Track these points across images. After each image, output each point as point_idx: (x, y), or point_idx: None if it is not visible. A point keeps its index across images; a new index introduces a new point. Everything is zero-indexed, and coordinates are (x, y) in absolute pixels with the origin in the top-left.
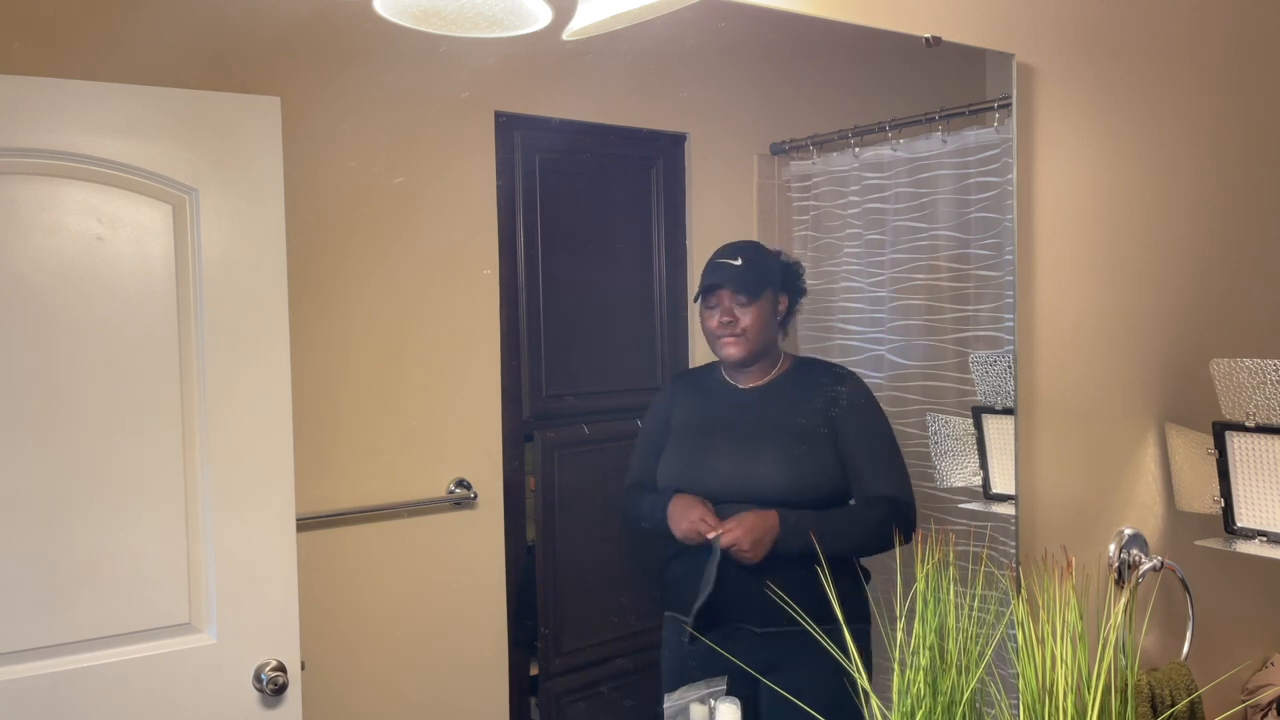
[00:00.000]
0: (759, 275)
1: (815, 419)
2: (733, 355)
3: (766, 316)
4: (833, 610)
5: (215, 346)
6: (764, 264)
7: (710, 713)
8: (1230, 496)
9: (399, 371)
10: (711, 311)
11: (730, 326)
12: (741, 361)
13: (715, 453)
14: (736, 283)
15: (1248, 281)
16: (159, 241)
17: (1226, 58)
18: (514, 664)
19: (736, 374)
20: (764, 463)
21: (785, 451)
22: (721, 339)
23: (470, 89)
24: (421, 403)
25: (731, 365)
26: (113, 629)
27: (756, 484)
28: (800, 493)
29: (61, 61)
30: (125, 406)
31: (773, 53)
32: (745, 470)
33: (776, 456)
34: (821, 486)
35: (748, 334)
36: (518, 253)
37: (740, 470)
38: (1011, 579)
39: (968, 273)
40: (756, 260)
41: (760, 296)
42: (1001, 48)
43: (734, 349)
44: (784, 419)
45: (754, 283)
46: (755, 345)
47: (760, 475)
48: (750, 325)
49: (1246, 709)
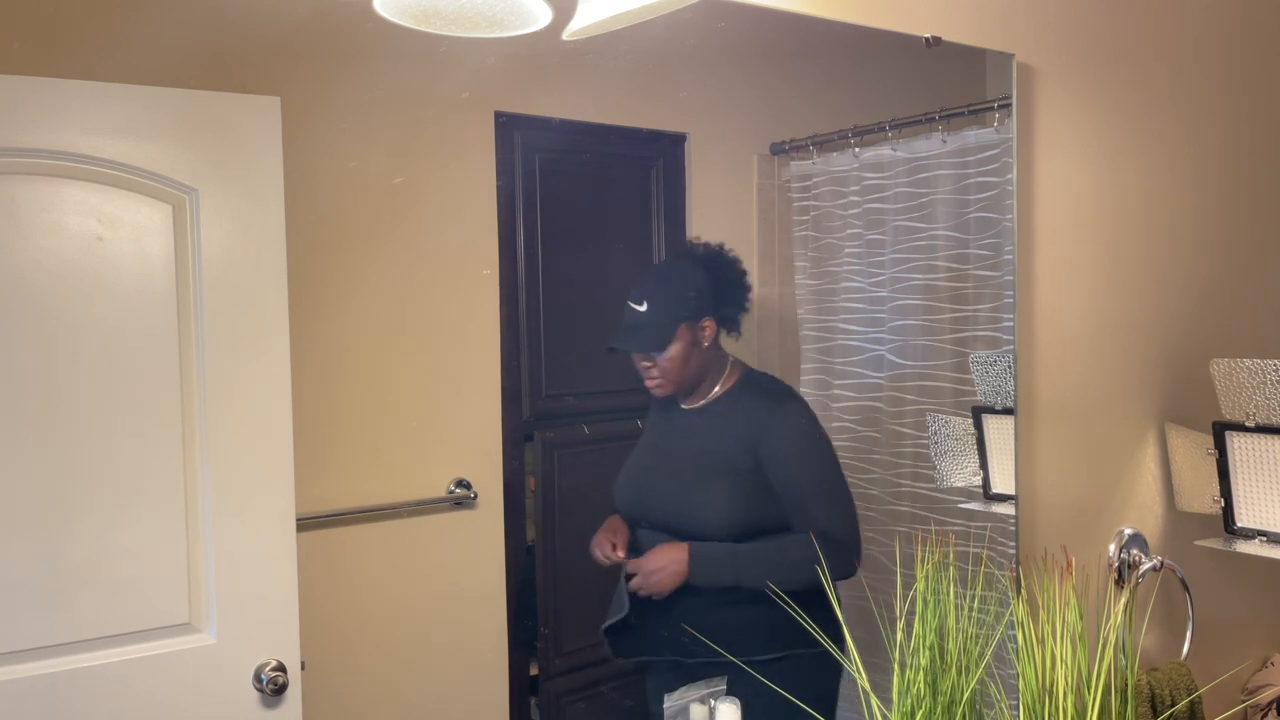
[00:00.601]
0: (666, 319)
1: (744, 445)
2: (660, 394)
3: (686, 351)
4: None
5: (215, 346)
6: (678, 298)
7: (710, 713)
8: (1230, 496)
9: (399, 371)
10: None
11: (649, 370)
12: (672, 395)
13: (649, 475)
14: (635, 341)
15: (1248, 281)
16: (159, 241)
17: (1227, 57)
18: (514, 664)
19: (680, 395)
20: (686, 490)
21: (710, 479)
22: (645, 379)
23: (470, 89)
24: (421, 403)
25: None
26: (113, 629)
27: (678, 513)
28: (721, 525)
29: (61, 61)
30: (125, 406)
31: (773, 53)
32: (669, 497)
33: (700, 484)
34: (747, 518)
35: (668, 376)
36: (518, 253)
37: (665, 497)
38: (1011, 579)
39: (967, 272)
40: (665, 298)
41: (670, 343)
42: (1001, 48)
43: (659, 390)
44: (714, 443)
45: (659, 332)
46: (680, 383)
47: (682, 504)
48: (668, 368)
49: (1246, 709)
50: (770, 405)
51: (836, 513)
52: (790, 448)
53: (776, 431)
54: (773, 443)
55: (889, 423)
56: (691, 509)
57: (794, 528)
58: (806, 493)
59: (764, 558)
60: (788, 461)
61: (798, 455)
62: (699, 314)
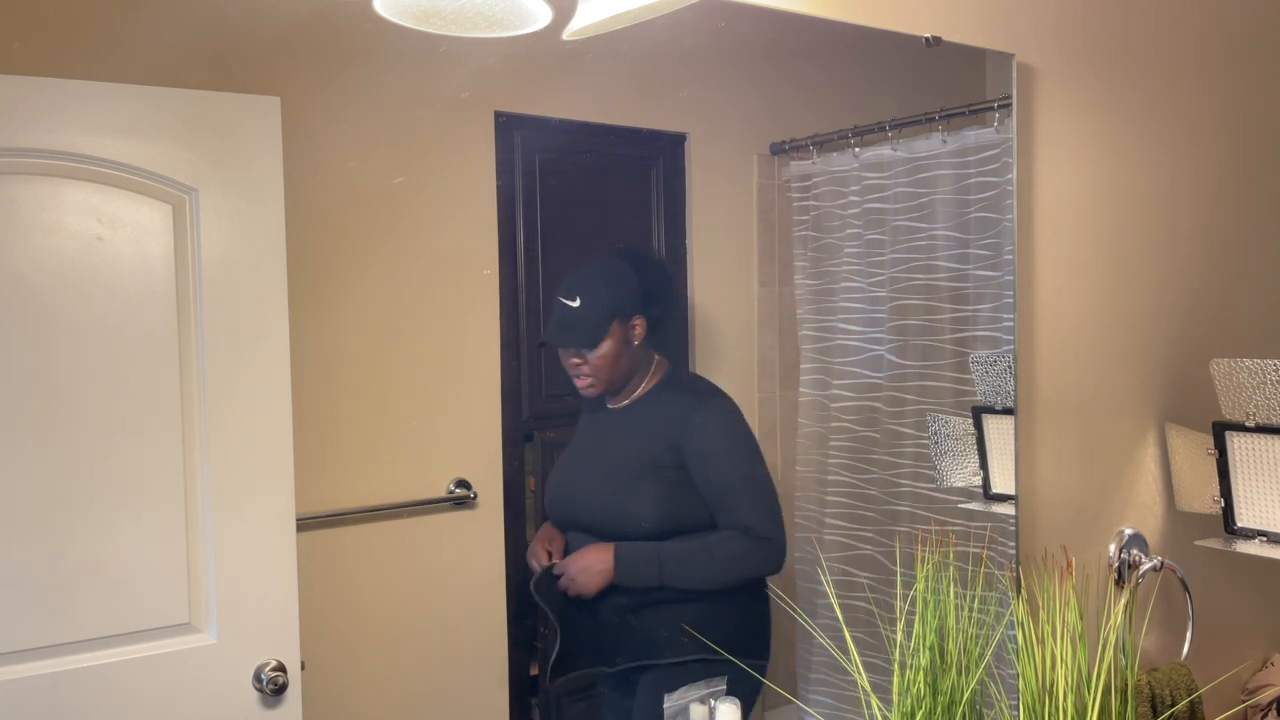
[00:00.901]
0: (600, 315)
1: (667, 443)
2: (589, 394)
3: (617, 349)
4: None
5: (215, 346)
6: (611, 295)
7: (710, 712)
8: (1230, 496)
9: (399, 371)
10: (561, 350)
11: (579, 368)
12: (600, 396)
13: (575, 479)
14: (570, 335)
15: (1248, 281)
16: (159, 241)
17: (1227, 58)
18: (514, 664)
19: (608, 394)
20: (612, 491)
21: (634, 479)
22: (574, 378)
23: (470, 89)
24: (421, 403)
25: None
26: (113, 629)
27: (605, 515)
28: (647, 525)
29: (61, 61)
30: (125, 406)
31: (773, 53)
32: (595, 499)
33: (625, 485)
34: (672, 518)
35: (599, 374)
36: (518, 253)
37: (591, 499)
38: (1011, 579)
39: (967, 272)
40: (598, 294)
41: (603, 340)
42: (1001, 48)
43: (589, 389)
44: (638, 443)
45: (593, 327)
46: (610, 381)
47: (608, 505)
48: (599, 365)
49: (1246, 709)
50: (692, 403)
51: (761, 508)
52: (711, 444)
53: (698, 428)
54: (694, 440)
55: (888, 423)
56: (617, 510)
57: (720, 525)
58: (730, 489)
59: (690, 555)
60: (709, 458)
61: (719, 452)
62: (631, 311)
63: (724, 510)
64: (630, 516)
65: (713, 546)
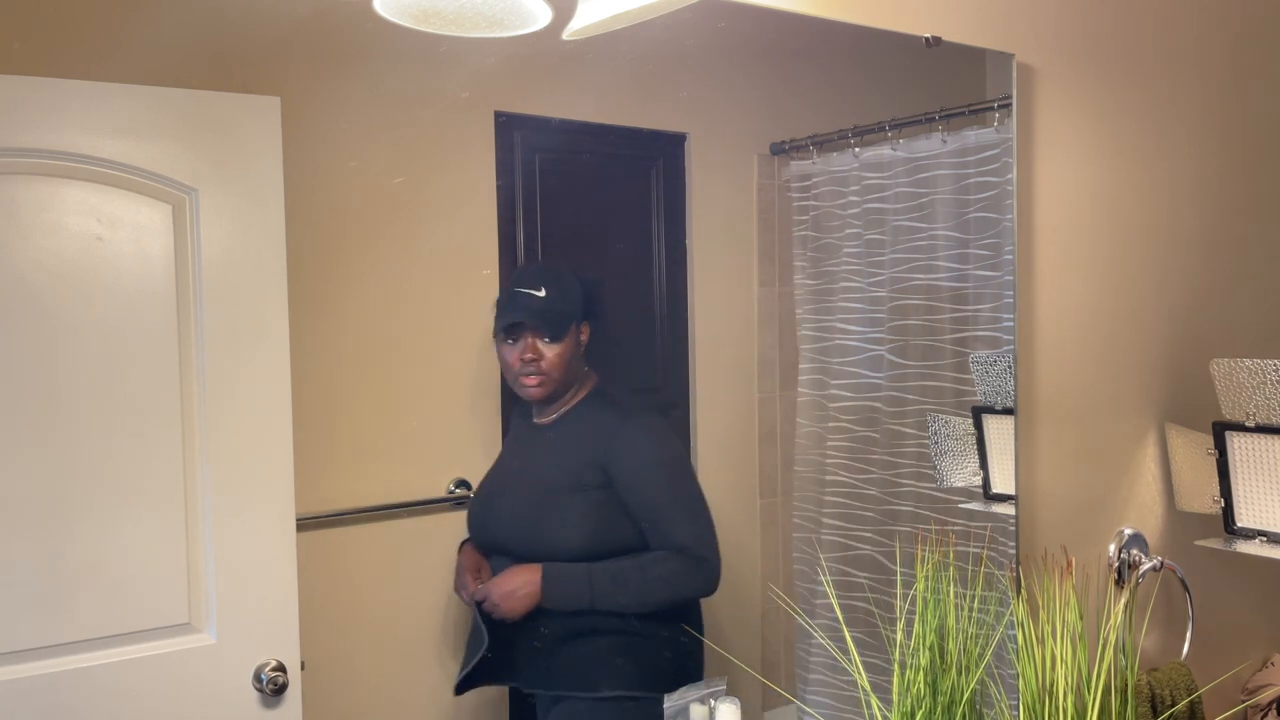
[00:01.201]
0: (565, 308)
1: (593, 462)
2: (534, 396)
3: (571, 351)
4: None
5: (215, 346)
6: (570, 293)
7: (710, 712)
8: (1230, 496)
9: (399, 371)
10: (512, 346)
11: (533, 364)
12: (544, 400)
13: (500, 500)
14: (542, 320)
15: (1248, 281)
16: (159, 241)
17: (1227, 58)
18: None
19: (536, 407)
20: (538, 512)
21: (561, 499)
22: (521, 377)
23: (470, 89)
24: (421, 403)
25: (529, 403)
26: (113, 629)
27: (531, 537)
28: (575, 547)
29: (61, 61)
30: (125, 406)
31: (773, 53)
32: (521, 521)
33: (551, 505)
34: (601, 539)
35: (551, 374)
36: (518, 253)
37: (517, 521)
38: (1011, 579)
39: (967, 272)
40: (562, 290)
41: (565, 335)
42: (1001, 48)
43: (536, 389)
44: (564, 460)
45: (560, 319)
46: (558, 383)
47: (535, 526)
48: (554, 363)
49: (1246, 709)
50: (619, 419)
51: (695, 528)
52: (640, 463)
53: (625, 446)
54: (622, 458)
55: (888, 423)
56: (544, 532)
57: (652, 546)
58: (661, 509)
59: (623, 575)
60: (639, 477)
61: (649, 471)
62: (581, 316)
63: (656, 530)
64: (555, 539)
65: (646, 566)
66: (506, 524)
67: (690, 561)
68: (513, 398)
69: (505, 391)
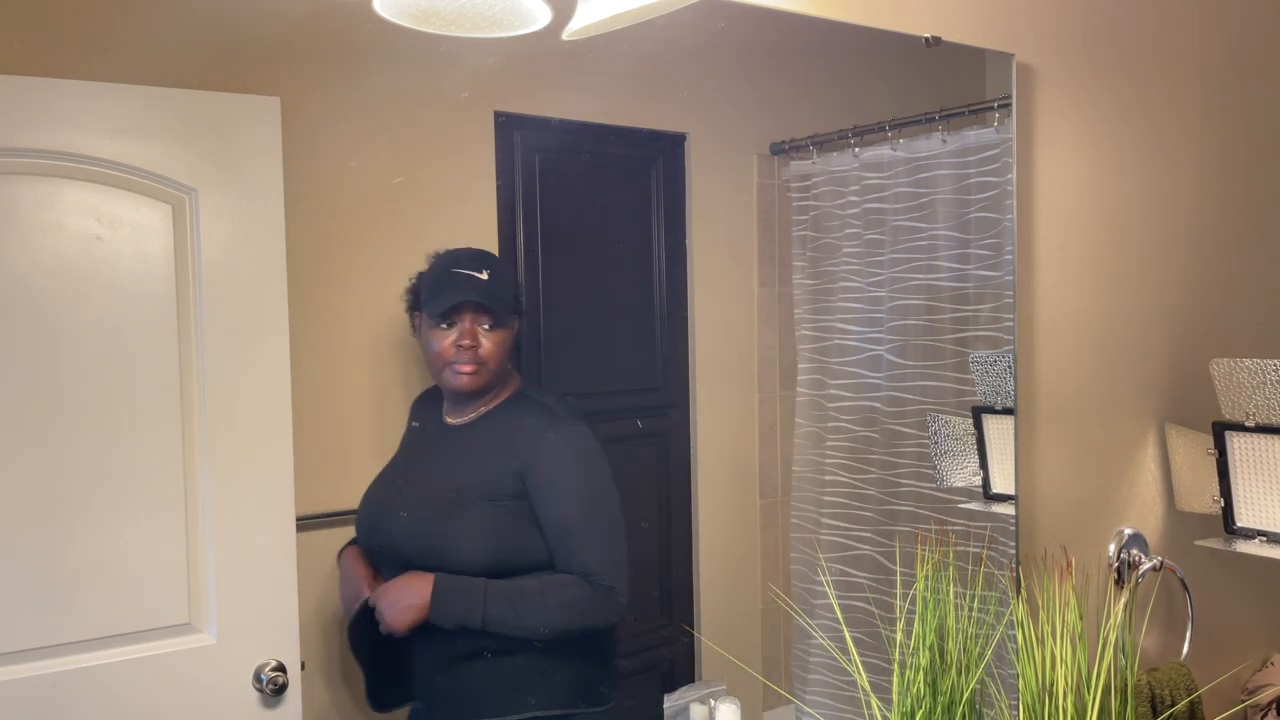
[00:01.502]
0: (506, 295)
1: (509, 470)
2: (467, 386)
3: (508, 343)
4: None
5: (215, 346)
6: (508, 281)
7: (710, 712)
8: (1230, 496)
9: (399, 371)
10: (446, 331)
11: (470, 352)
12: (473, 393)
13: (395, 502)
14: (488, 301)
15: (1248, 281)
16: (158, 241)
17: (1226, 57)
18: None
19: (453, 405)
20: (437, 519)
21: (465, 507)
22: (456, 365)
23: (470, 89)
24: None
25: (459, 396)
26: (113, 629)
27: (426, 545)
28: (474, 560)
29: (61, 61)
30: (125, 407)
31: (773, 53)
32: (417, 527)
33: (453, 513)
34: (504, 554)
35: (488, 363)
36: (518, 253)
37: (413, 527)
38: (1011, 579)
39: (967, 272)
40: (501, 277)
41: (506, 322)
42: (1001, 48)
43: (470, 379)
44: (475, 465)
45: (502, 304)
46: (491, 375)
47: (432, 534)
48: (492, 352)
49: (1246, 709)
50: (544, 425)
51: (604, 554)
52: (560, 473)
53: (547, 454)
54: (542, 467)
55: (887, 423)
56: (445, 541)
57: (558, 568)
58: (574, 528)
59: (521, 597)
60: (556, 489)
61: (568, 483)
62: (516, 309)
63: (564, 550)
64: (457, 550)
65: (548, 590)
66: (404, 530)
67: (596, 591)
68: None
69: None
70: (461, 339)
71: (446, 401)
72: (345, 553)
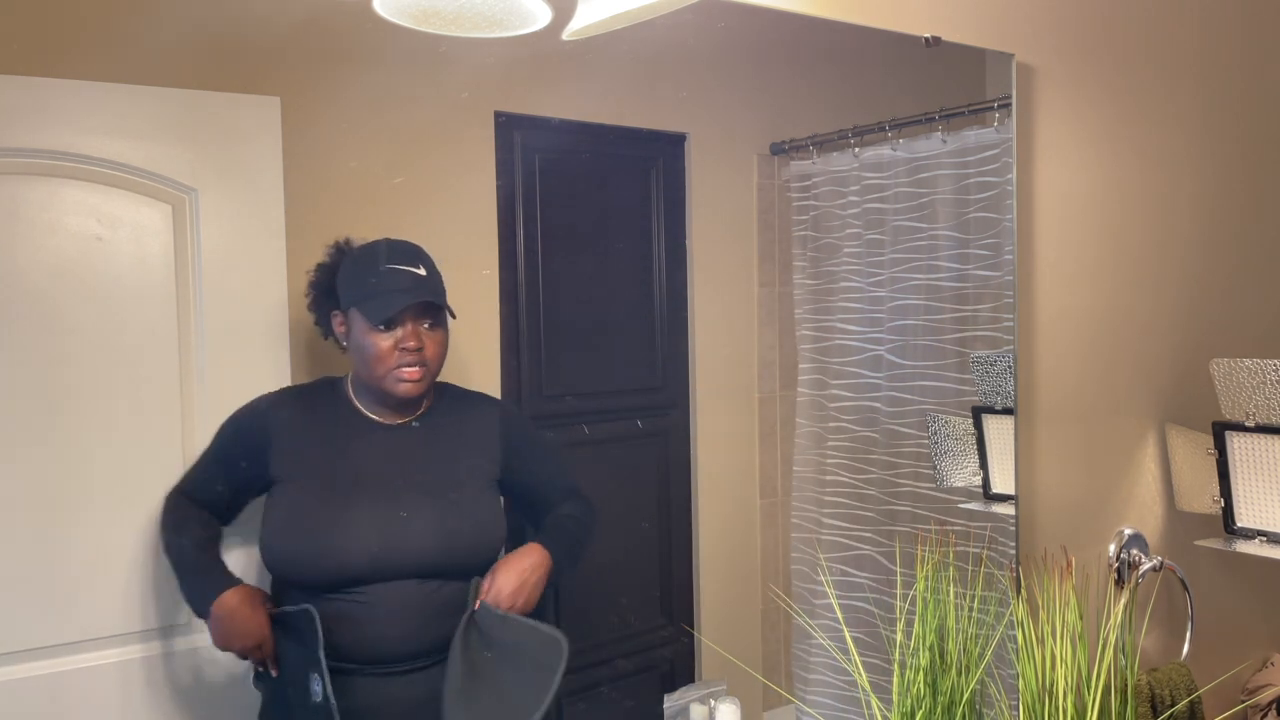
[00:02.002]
0: (443, 290)
1: (487, 455)
2: (413, 392)
3: (447, 342)
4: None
5: (215, 346)
6: (440, 276)
7: (710, 712)
8: (1230, 496)
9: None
10: (386, 334)
11: (415, 355)
12: (415, 399)
13: (381, 513)
14: (440, 301)
15: (1248, 281)
16: (158, 241)
17: (1226, 57)
18: None
19: (379, 405)
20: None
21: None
22: (400, 369)
23: (470, 89)
24: None
25: (396, 403)
26: (114, 629)
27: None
28: (496, 543)
29: (62, 61)
30: (125, 406)
31: (773, 53)
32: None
33: (461, 505)
34: (499, 537)
35: (432, 366)
36: (518, 253)
37: (424, 531)
38: (1011, 579)
39: (967, 272)
40: (436, 271)
41: (445, 320)
42: (1001, 48)
43: (415, 385)
44: (454, 459)
45: (443, 302)
46: (433, 376)
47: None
48: (436, 354)
49: (1246, 709)
50: (494, 408)
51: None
52: (536, 440)
53: (519, 427)
54: (518, 444)
55: (887, 422)
56: (463, 534)
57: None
58: (559, 471)
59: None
60: (543, 453)
61: (544, 445)
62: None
63: (557, 491)
64: (480, 538)
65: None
66: (413, 540)
67: (588, 503)
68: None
69: (505, 391)
70: (405, 341)
71: (362, 400)
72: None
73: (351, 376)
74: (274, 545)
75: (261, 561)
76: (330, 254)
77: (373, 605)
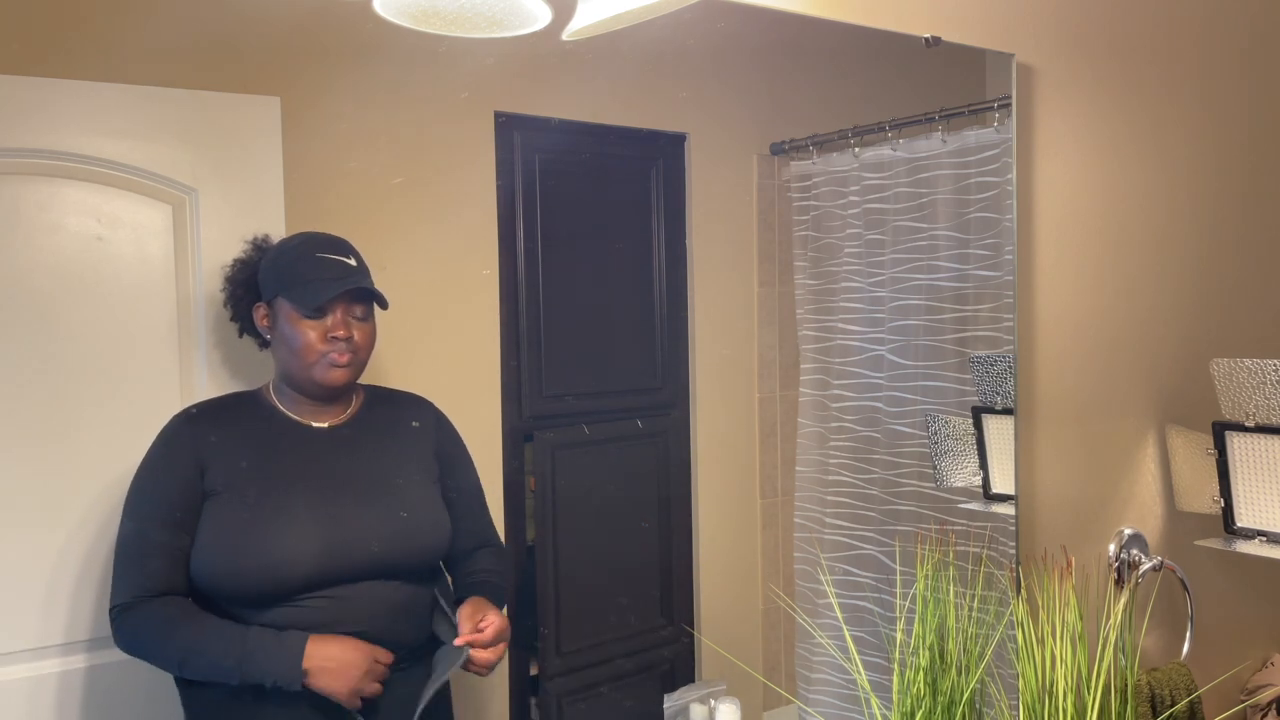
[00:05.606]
0: (371, 281)
1: (427, 452)
2: (342, 379)
3: (374, 334)
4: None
5: (215, 346)
6: (369, 269)
7: (710, 712)
8: (1230, 496)
9: (398, 371)
10: (316, 322)
11: (344, 343)
12: (341, 390)
13: (331, 513)
14: (372, 288)
15: (1248, 281)
16: (159, 241)
17: (1226, 57)
18: (514, 664)
19: (306, 407)
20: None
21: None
22: (330, 356)
23: (470, 89)
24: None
25: (331, 392)
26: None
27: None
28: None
29: (62, 61)
30: (125, 406)
31: (773, 53)
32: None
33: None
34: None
35: (360, 355)
36: (518, 253)
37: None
38: (1011, 579)
39: (967, 273)
40: (364, 263)
41: (372, 312)
42: (1001, 48)
43: (345, 371)
44: (396, 457)
45: (373, 292)
46: (362, 369)
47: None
48: (364, 344)
49: (1246, 709)
50: (425, 408)
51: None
52: (461, 449)
53: (448, 433)
54: (449, 445)
55: (888, 422)
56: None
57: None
58: (477, 497)
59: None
60: (463, 464)
61: (467, 459)
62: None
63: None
64: (435, 537)
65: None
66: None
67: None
68: (514, 395)
69: (505, 391)
70: (335, 329)
71: (287, 404)
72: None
73: (272, 383)
74: (213, 560)
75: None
76: (248, 250)
77: (326, 610)
